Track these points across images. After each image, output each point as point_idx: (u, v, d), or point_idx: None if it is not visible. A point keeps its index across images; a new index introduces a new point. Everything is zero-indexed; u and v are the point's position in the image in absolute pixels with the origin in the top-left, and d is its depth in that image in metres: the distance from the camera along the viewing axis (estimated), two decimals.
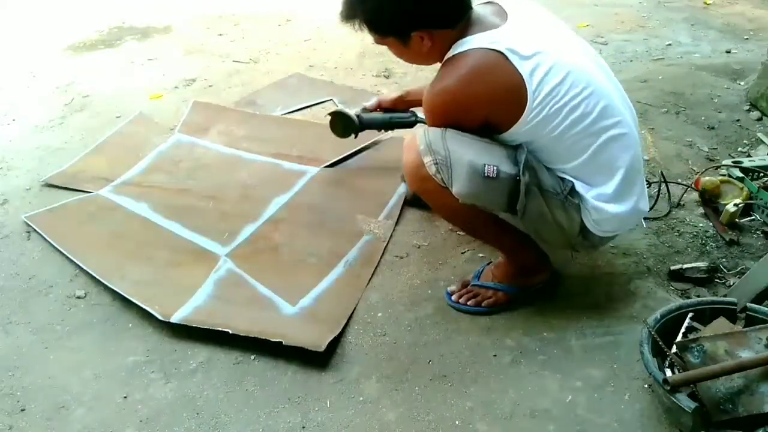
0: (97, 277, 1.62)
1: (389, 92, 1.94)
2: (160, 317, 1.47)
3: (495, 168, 1.26)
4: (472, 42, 1.25)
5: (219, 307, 1.52)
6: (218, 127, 2.32)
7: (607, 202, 1.32)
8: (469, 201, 1.30)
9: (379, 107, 1.83)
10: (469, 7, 1.29)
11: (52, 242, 1.78)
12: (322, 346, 1.36)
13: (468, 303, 1.46)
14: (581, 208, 1.33)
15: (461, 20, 1.28)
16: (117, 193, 1.98)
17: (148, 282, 1.61)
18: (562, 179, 1.33)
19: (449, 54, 1.28)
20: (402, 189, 1.89)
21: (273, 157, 2.12)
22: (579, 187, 1.33)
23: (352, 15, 1.32)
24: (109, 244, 1.77)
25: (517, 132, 1.28)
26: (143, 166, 2.11)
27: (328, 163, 2.07)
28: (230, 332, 1.40)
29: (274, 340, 1.37)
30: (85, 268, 1.67)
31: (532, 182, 1.28)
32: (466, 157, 1.27)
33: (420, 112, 1.87)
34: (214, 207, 1.90)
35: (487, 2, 1.36)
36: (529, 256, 1.47)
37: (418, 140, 1.31)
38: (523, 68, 1.22)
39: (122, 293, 1.55)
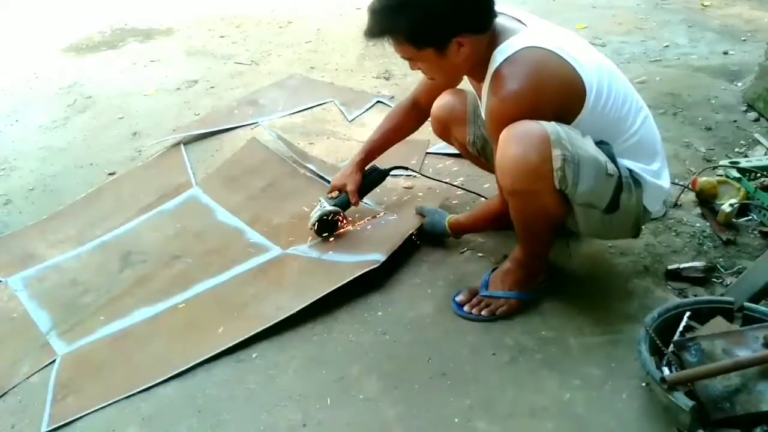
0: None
1: (340, 174, 1.73)
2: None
3: (613, 166, 1.27)
4: (513, 45, 1.23)
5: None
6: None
7: (656, 178, 1.37)
8: (587, 200, 1.27)
9: (341, 189, 1.70)
10: (495, 14, 1.27)
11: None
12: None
13: (482, 313, 1.45)
14: (642, 187, 1.35)
15: (491, 25, 1.26)
16: None
17: None
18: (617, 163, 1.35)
19: (495, 63, 1.24)
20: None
21: None
22: (633, 166, 1.35)
23: (391, 28, 1.24)
24: None
25: (582, 122, 1.28)
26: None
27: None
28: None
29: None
30: None
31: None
32: (592, 153, 1.24)
33: (380, 165, 1.78)
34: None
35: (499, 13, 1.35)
36: (542, 263, 1.49)
37: (548, 130, 1.19)
38: (571, 61, 1.23)
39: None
